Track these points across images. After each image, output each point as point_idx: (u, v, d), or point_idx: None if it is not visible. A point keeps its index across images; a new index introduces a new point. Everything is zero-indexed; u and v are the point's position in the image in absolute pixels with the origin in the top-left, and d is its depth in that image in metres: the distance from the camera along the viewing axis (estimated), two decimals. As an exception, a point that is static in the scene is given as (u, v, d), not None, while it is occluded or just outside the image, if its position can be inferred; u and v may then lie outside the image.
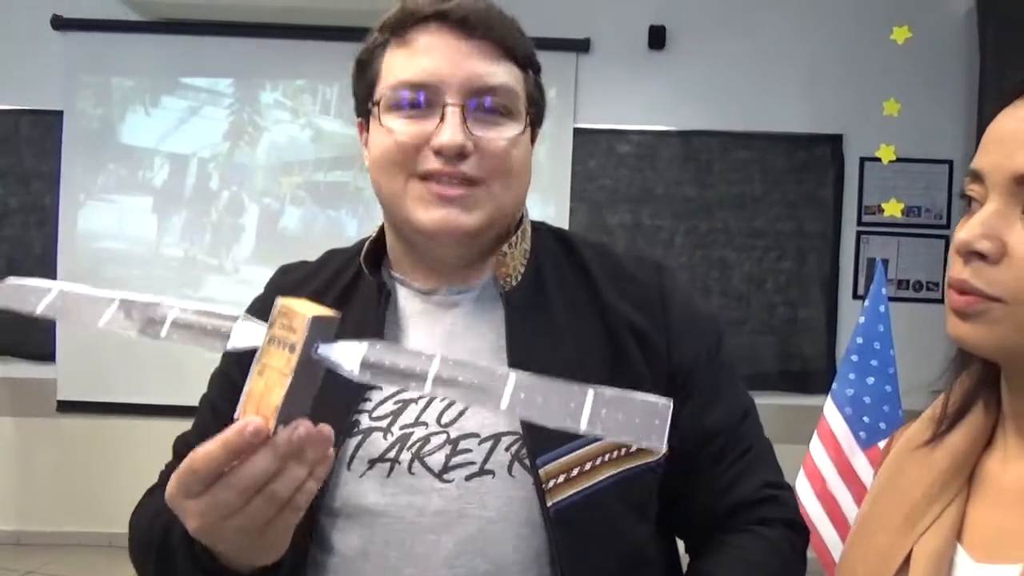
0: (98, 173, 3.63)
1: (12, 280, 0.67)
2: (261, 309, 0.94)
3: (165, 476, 0.94)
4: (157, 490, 0.93)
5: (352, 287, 0.91)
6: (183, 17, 3.53)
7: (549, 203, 3.54)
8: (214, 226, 3.66)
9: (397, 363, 0.57)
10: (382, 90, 0.83)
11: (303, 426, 0.58)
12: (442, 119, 0.79)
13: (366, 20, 0.89)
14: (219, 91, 3.64)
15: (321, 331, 0.59)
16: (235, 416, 0.60)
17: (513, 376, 0.53)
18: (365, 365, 0.58)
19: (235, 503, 0.59)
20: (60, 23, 3.59)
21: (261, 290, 0.98)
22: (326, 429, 0.60)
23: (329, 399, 0.64)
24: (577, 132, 3.57)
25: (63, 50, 3.60)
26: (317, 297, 0.90)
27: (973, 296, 0.59)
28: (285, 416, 0.58)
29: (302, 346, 0.58)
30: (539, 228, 0.95)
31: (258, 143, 3.64)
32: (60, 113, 3.61)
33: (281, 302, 0.61)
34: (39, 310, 0.64)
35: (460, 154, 0.80)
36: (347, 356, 0.58)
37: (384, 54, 0.84)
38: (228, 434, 0.58)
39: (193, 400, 0.97)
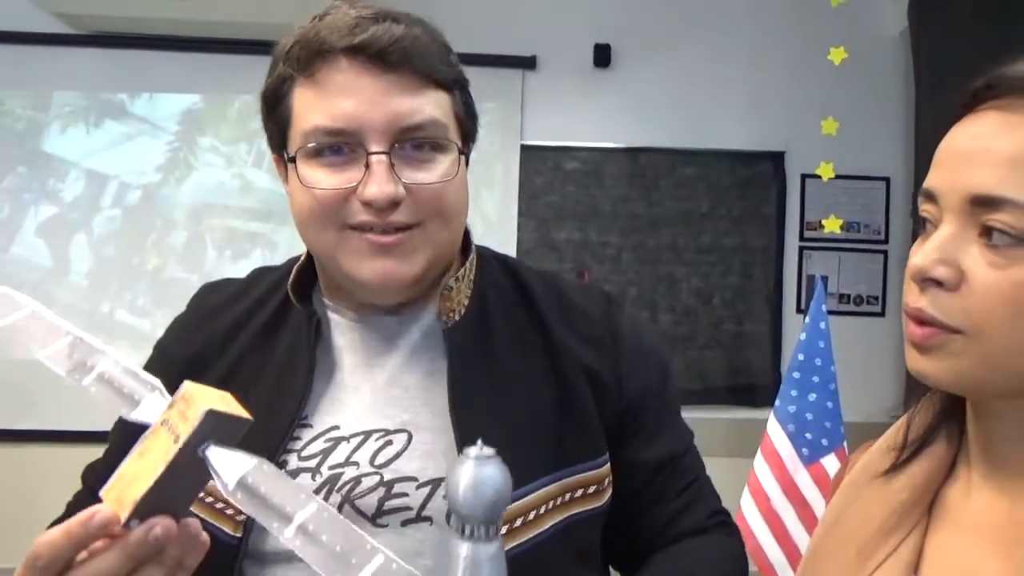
0: (24, 189, 3.49)
1: (2, 288, 0.65)
2: (182, 328, 0.89)
3: (72, 508, 0.88)
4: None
5: (281, 314, 0.85)
6: (116, 31, 3.42)
7: (496, 220, 3.52)
8: (137, 250, 3.55)
9: (271, 495, 0.50)
10: (297, 136, 0.76)
11: (161, 525, 0.51)
12: (367, 167, 0.73)
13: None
14: (154, 111, 3.54)
15: (218, 428, 0.52)
16: (100, 495, 0.53)
17: (380, 558, 0.47)
18: (241, 484, 0.51)
19: None
20: (-13, 36, 3.46)
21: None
22: (193, 525, 0.54)
23: (253, 440, 0.60)
24: (524, 149, 3.56)
25: (-9, 63, 3.47)
26: (241, 323, 0.85)
27: (932, 329, 0.56)
28: (144, 511, 0.51)
29: (186, 439, 0.51)
30: (484, 255, 0.90)
31: (188, 177, 3.55)
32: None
33: (186, 387, 0.54)
34: (1, 323, 0.61)
35: (393, 202, 0.74)
36: (229, 467, 0.51)
37: (293, 91, 0.76)
38: (72, 523, 0.51)
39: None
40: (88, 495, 0.88)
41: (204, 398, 0.53)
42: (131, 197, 3.54)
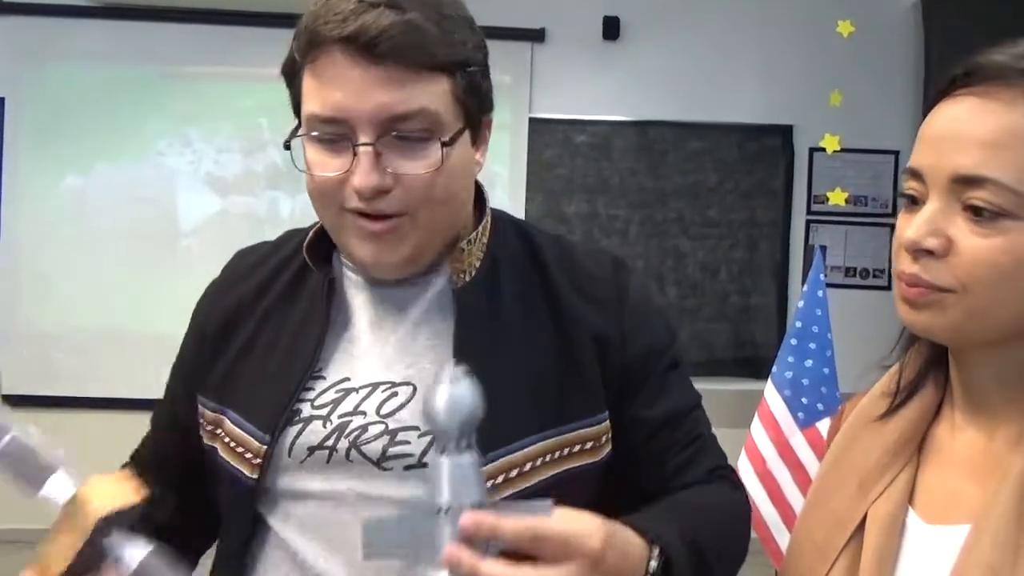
0: (42, 160, 3.54)
1: None
2: (213, 296, 0.94)
3: (144, 444, 0.99)
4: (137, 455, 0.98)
5: (301, 276, 0.90)
6: (130, 3, 3.45)
7: (505, 192, 3.55)
8: (159, 221, 3.60)
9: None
10: (303, 119, 0.80)
11: None
12: (355, 156, 0.76)
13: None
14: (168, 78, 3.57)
15: (112, 524, 0.63)
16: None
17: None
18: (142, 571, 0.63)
19: None
20: (2, 7, 3.48)
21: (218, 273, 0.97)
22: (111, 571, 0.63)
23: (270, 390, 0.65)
24: (533, 122, 3.58)
25: (6, 35, 3.50)
26: (268, 282, 0.90)
27: (923, 288, 0.63)
28: None
29: (88, 536, 0.62)
30: (499, 217, 0.93)
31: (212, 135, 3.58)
32: (2, 100, 3.51)
33: (81, 491, 0.64)
34: None
35: (380, 191, 0.77)
36: (131, 554, 0.64)
37: (302, 73, 0.80)
38: None
39: (144, 392, 0.97)
40: (153, 434, 0.99)
41: (99, 499, 0.63)
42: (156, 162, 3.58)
